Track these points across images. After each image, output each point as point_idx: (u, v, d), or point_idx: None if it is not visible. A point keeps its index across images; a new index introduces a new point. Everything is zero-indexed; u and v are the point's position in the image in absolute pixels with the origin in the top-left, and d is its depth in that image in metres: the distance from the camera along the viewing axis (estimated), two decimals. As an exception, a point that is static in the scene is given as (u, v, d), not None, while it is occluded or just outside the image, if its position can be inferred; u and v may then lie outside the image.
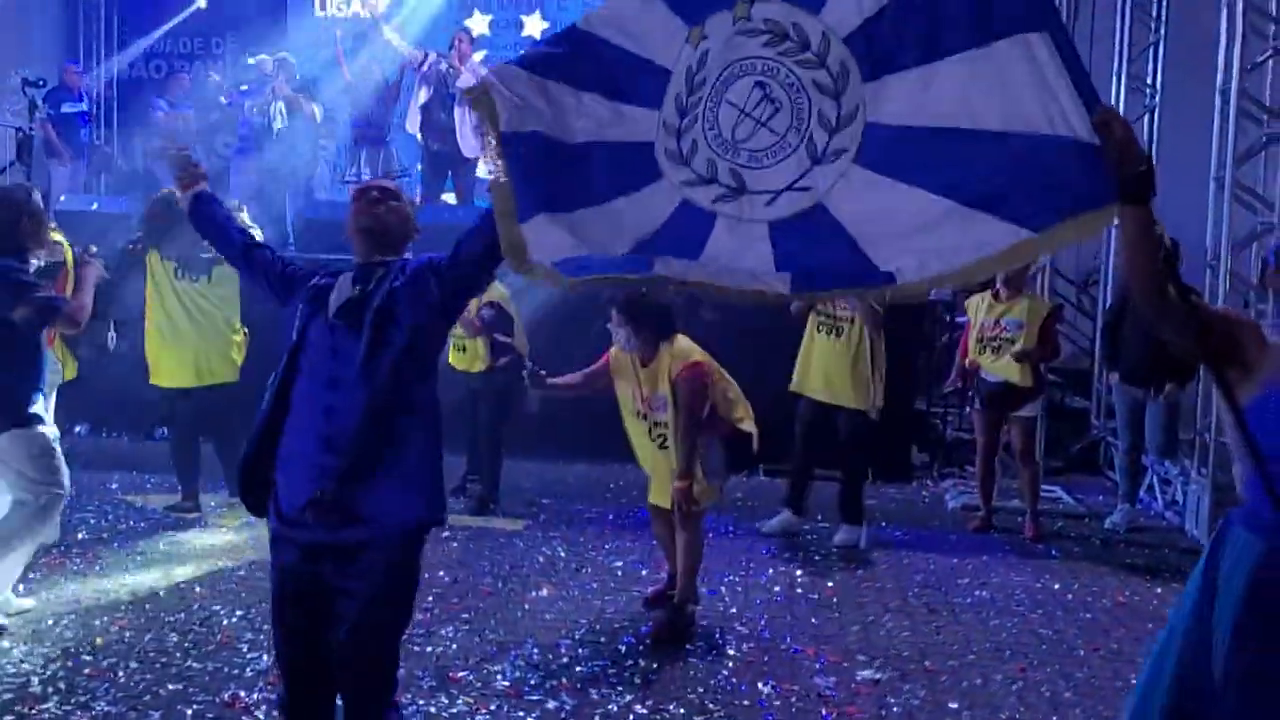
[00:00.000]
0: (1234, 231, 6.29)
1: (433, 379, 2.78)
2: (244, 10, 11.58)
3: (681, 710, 3.80)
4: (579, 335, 6.91)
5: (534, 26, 11.69)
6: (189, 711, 3.63)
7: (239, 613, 4.53)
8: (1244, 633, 2.14)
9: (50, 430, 4.36)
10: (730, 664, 4.24)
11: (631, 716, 3.74)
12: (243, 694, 3.75)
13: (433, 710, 3.71)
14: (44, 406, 4.33)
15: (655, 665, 4.18)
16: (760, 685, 4.03)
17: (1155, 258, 2.12)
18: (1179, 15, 8.01)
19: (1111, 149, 2.04)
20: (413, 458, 2.69)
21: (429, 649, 4.24)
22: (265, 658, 3.99)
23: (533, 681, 3.99)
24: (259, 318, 6.10)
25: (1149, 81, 8.33)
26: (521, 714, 3.72)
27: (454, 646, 4.29)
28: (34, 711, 3.58)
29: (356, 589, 2.63)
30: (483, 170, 9.46)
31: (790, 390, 6.04)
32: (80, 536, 5.52)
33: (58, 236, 5.02)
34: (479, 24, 11.62)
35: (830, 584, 5.28)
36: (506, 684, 3.96)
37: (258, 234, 5.27)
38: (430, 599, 4.76)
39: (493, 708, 3.75)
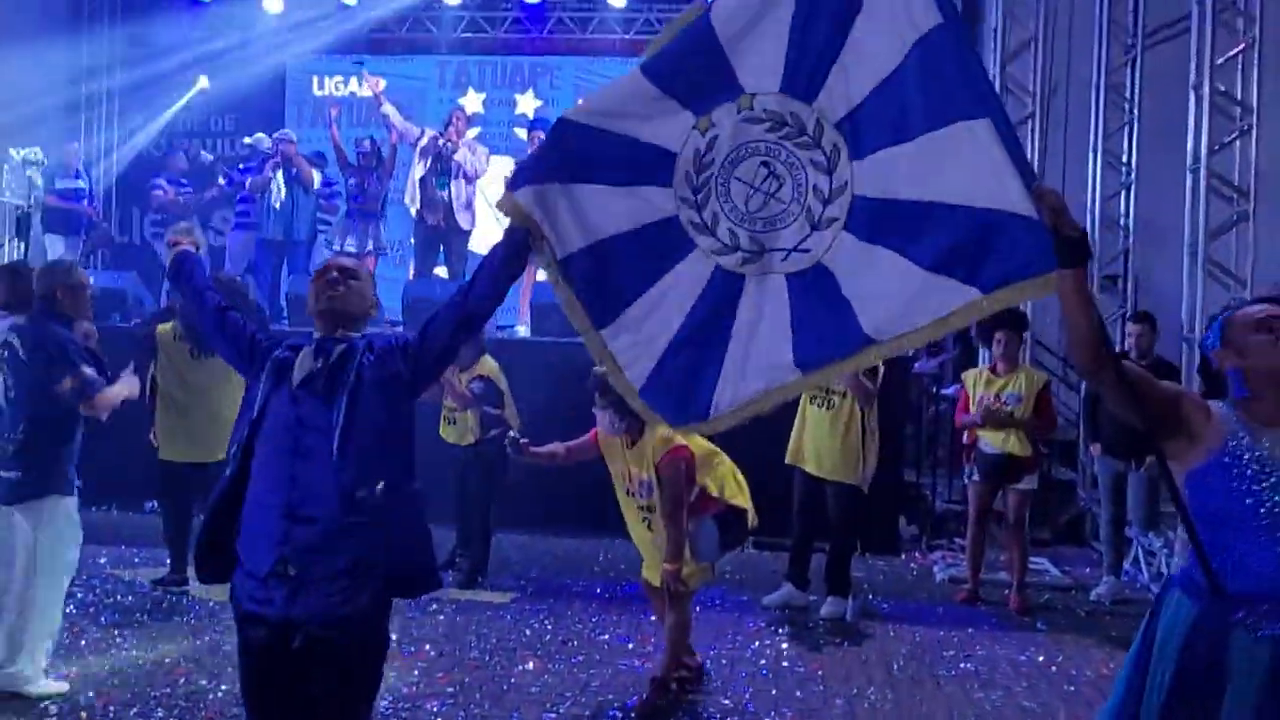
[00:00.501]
0: (1208, 306, 6.42)
1: (406, 453, 2.82)
2: (243, 89, 11.87)
3: (665, 785, 3.79)
4: (569, 407, 7.00)
5: (527, 105, 12.00)
6: (172, 788, 3.63)
7: (224, 687, 4.53)
8: (1177, 692, 2.25)
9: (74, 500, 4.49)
10: (715, 738, 4.24)
11: (615, 791, 3.74)
12: (226, 770, 3.75)
13: (416, 786, 3.70)
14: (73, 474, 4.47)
15: (640, 739, 4.18)
16: (744, 759, 4.03)
17: (1091, 322, 2.29)
18: (1151, 97, 8.27)
19: (1048, 216, 2.27)
20: (386, 529, 2.72)
21: (414, 724, 4.24)
22: (250, 733, 3.99)
23: (517, 756, 3.98)
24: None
25: (1124, 160, 8.57)
26: (505, 789, 3.71)
27: (439, 721, 4.29)
28: (16, 788, 3.58)
29: (327, 662, 2.66)
30: (474, 243, 9.63)
31: (786, 462, 6.09)
32: (68, 610, 5.48)
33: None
34: (473, 102, 11.91)
35: (816, 657, 5.29)
36: (491, 759, 3.95)
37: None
38: (416, 673, 4.76)
39: (476, 783, 3.74)
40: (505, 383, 6.41)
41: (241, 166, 10.12)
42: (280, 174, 9.44)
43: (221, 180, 10.28)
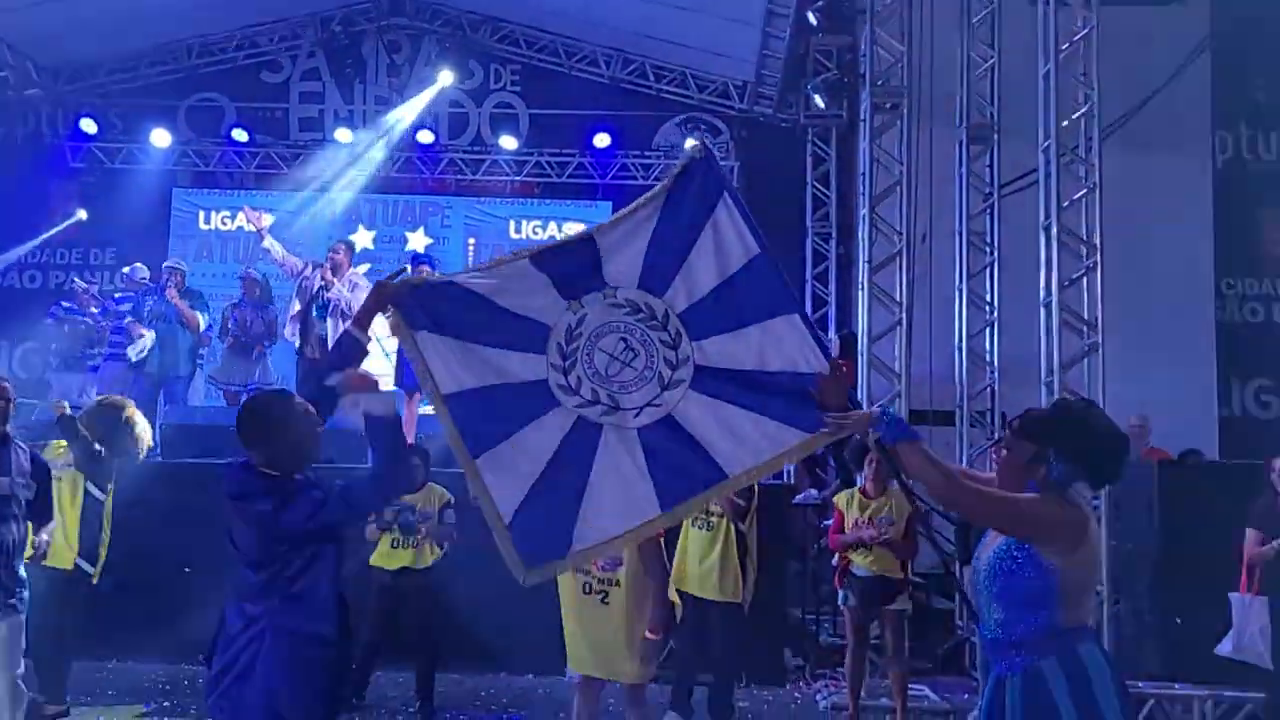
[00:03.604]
0: (1066, 433, 6.70)
1: None
2: (126, 223, 11.73)
3: None
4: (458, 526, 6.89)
5: (418, 241, 12.13)
6: None
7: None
8: None
9: None
10: None
11: None
12: None
13: None
14: None
15: None
16: None
17: (910, 468, 3.17)
18: (1008, 240, 8.86)
19: (818, 398, 3.37)
20: None
21: None
22: None
23: None
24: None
25: (987, 299, 9.07)
26: None
27: None
28: None
29: None
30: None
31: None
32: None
33: None
34: (364, 238, 11.99)
35: (698, 786, 5.18)
36: None
37: None
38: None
39: None
40: None
41: (117, 295, 9.92)
42: (160, 306, 9.23)
43: (95, 309, 10.03)
